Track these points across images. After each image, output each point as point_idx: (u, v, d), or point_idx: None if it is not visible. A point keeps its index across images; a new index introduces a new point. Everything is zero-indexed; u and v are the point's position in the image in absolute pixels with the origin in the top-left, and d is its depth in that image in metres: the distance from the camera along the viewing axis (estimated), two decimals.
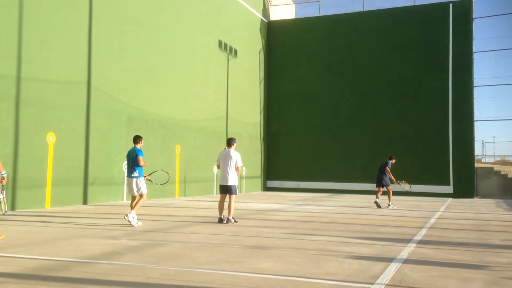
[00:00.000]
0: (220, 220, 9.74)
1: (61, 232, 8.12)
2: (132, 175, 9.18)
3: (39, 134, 12.51)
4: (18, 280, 4.65)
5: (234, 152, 9.78)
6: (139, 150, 9.32)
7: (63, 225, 9.09)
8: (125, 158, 10.73)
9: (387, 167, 15.13)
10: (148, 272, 5.10)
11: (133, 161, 9.23)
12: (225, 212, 9.83)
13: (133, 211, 9.06)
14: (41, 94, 12.63)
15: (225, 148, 10.10)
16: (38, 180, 12.41)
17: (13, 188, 11.70)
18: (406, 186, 15.71)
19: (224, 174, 9.68)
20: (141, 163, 9.17)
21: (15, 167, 11.77)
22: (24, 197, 11.98)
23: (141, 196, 9.25)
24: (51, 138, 12.81)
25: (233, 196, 9.73)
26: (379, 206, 14.76)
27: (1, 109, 11.55)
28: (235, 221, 9.71)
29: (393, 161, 15.44)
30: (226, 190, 9.74)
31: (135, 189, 9.22)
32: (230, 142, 9.94)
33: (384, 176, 15.17)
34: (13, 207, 11.72)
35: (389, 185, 15.24)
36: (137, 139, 9.55)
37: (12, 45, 11.92)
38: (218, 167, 9.92)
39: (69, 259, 5.72)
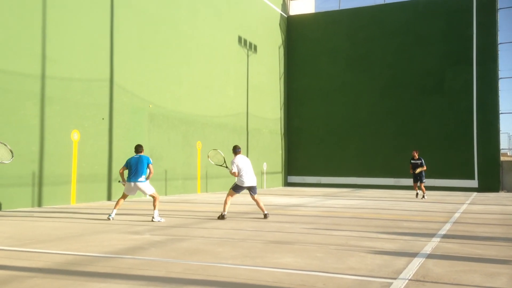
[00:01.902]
0: (221, 217, 9.66)
1: (87, 227, 8.28)
2: (139, 179, 9.44)
3: (64, 131, 12.76)
4: (46, 275, 4.78)
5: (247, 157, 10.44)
6: (149, 158, 9.69)
7: (88, 221, 9.27)
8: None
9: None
10: (171, 266, 5.17)
11: (141, 167, 9.44)
12: (231, 208, 9.80)
13: (156, 211, 9.32)
14: (65, 92, 12.87)
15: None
16: (63, 176, 12.67)
17: (39, 185, 11.99)
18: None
19: (251, 175, 9.96)
20: (152, 172, 9.67)
21: (41, 164, 12.05)
22: (50, 193, 12.26)
23: (153, 197, 9.48)
24: (75, 135, 13.05)
25: (257, 195, 10.07)
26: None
27: (27, 108, 11.82)
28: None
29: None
30: (248, 189, 9.94)
31: (136, 192, 9.56)
32: (238, 149, 10.22)
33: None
34: (39, 203, 12.02)
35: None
36: (140, 148, 9.82)
37: (36, 45, 12.17)
38: (235, 174, 9.82)
39: (94, 254, 5.84)
